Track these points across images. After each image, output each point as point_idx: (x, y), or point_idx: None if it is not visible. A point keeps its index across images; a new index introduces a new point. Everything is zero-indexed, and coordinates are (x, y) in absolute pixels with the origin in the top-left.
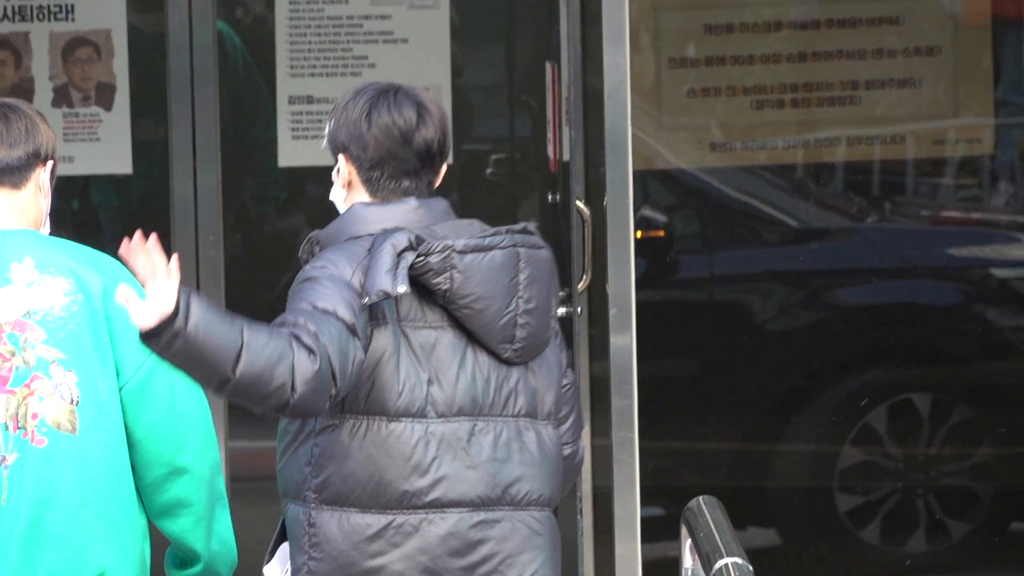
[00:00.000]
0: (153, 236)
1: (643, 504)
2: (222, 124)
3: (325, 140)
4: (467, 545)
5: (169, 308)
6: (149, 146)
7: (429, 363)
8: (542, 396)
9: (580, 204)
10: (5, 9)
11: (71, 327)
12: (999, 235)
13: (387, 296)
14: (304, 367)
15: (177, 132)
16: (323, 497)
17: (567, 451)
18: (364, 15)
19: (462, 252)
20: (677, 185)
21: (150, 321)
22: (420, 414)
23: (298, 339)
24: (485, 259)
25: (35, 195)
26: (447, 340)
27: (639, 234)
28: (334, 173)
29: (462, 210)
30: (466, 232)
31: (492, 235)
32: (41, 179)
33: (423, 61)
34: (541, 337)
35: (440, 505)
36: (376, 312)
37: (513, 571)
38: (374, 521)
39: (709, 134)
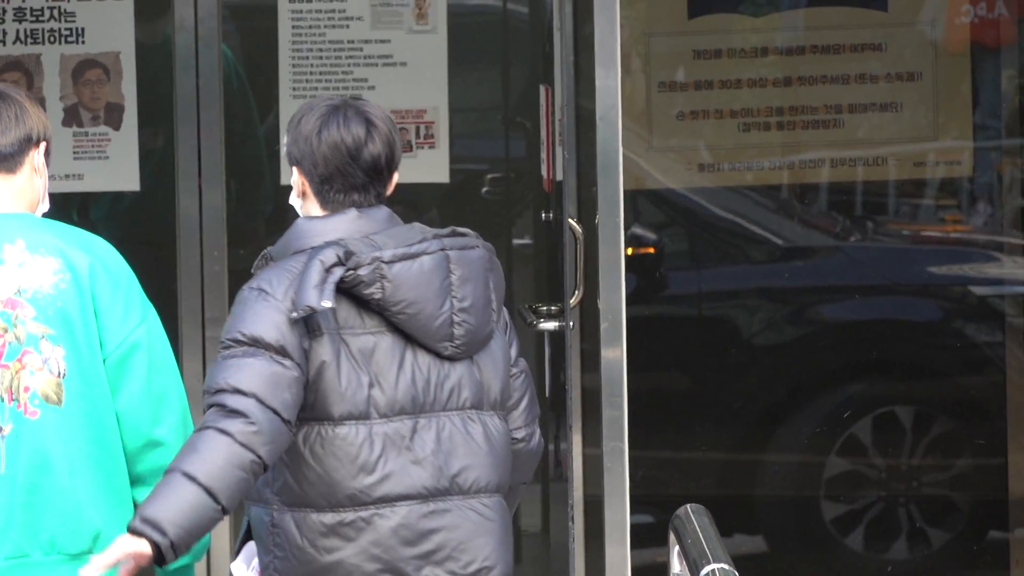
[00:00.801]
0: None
1: (633, 511)
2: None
3: (283, 149)
4: (418, 535)
5: (147, 548)
6: (156, 164)
7: (369, 367)
8: (488, 387)
9: (572, 222)
10: (17, 32)
11: (59, 304)
12: (977, 254)
13: (313, 311)
14: (248, 437)
15: (183, 151)
16: (283, 499)
17: (520, 434)
18: (364, 39)
19: (390, 262)
20: (667, 204)
21: (143, 562)
22: (363, 416)
23: (223, 408)
24: (414, 266)
25: (30, 177)
26: (386, 344)
27: (630, 251)
28: (292, 181)
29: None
30: (404, 238)
31: (419, 242)
32: (36, 160)
33: (421, 84)
34: (482, 332)
35: (389, 500)
36: (314, 324)
37: (466, 556)
38: (328, 519)
39: (698, 155)
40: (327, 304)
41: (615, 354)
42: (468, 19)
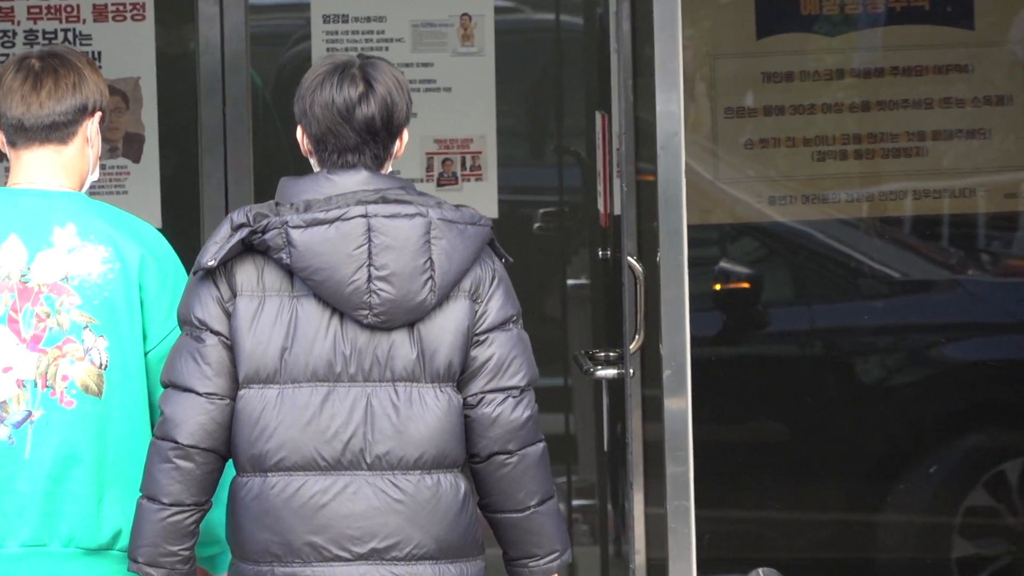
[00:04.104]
0: None
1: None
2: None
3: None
4: (312, 508)
5: None
6: (179, 198)
7: (286, 330)
8: (430, 358)
9: (632, 260)
10: None
11: (106, 294)
12: None
13: (201, 268)
14: (162, 427)
15: (209, 184)
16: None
17: (472, 400)
18: (405, 63)
19: (297, 227)
20: (768, 236)
21: None
22: (269, 380)
23: (161, 454)
24: (322, 232)
25: (82, 148)
26: (310, 308)
27: (717, 287)
28: (298, 137)
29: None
30: (353, 200)
31: (336, 207)
32: (89, 130)
33: (467, 111)
34: (408, 302)
35: (284, 468)
36: (234, 284)
37: (360, 533)
38: (239, 481)
39: (768, 187)
40: (212, 263)
41: (679, 404)
42: (518, 40)
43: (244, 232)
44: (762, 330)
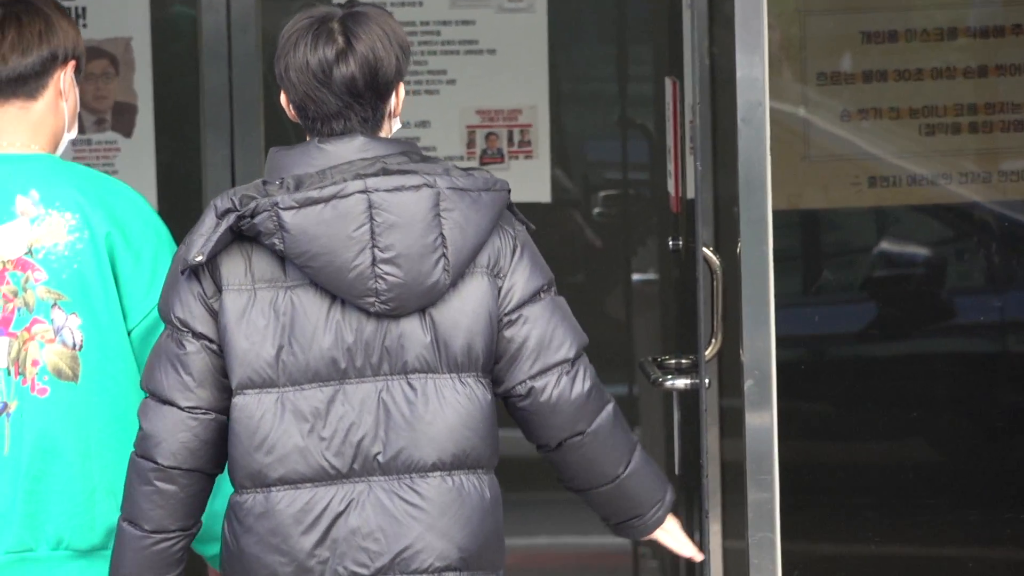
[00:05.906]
0: None
1: None
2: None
3: None
4: (323, 524)
5: None
6: (178, 179)
7: (282, 327)
8: (446, 345)
9: (708, 252)
10: None
11: (75, 266)
12: None
13: (189, 265)
14: (141, 445)
15: (212, 162)
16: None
17: (521, 389)
18: (442, 20)
19: (289, 208)
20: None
21: None
22: (267, 384)
23: (141, 475)
24: (318, 212)
25: (54, 103)
26: (307, 299)
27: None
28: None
29: (560, 258)
30: (350, 174)
31: (332, 184)
32: (62, 82)
33: (515, 77)
34: (421, 285)
35: (290, 481)
36: (219, 279)
37: (377, 545)
38: (237, 500)
39: (867, 166)
40: (199, 259)
41: (763, 420)
42: None
43: (232, 219)
44: (943, 323)
